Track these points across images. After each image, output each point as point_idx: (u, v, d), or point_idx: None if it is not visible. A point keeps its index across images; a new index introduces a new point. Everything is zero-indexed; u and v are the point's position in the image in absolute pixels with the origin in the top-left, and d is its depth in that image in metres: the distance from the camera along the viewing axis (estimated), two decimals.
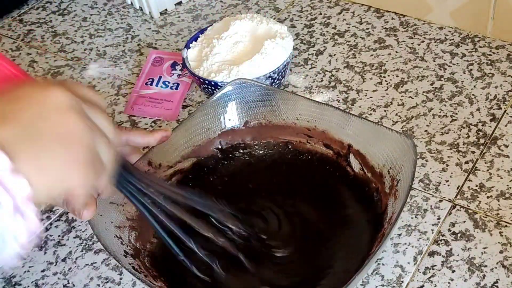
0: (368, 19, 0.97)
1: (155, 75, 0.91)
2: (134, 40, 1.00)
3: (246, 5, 1.04)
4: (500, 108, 0.80)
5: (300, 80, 0.88)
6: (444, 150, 0.75)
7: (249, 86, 0.72)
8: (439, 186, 0.72)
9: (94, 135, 0.43)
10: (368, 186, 0.67)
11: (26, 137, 0.39)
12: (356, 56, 0.91)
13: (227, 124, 0.73)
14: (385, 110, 0.82)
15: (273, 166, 0.73)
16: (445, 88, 0.84)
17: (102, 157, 0.44)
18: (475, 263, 0.64)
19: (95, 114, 0.44)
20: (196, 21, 1.02)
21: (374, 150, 0.66)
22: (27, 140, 0.39)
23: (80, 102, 0.43)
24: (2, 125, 0.39)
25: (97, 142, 0.43)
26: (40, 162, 0.40)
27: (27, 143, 0.39)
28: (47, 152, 0.40)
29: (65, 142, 0.41)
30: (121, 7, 1.08)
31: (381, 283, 0.63)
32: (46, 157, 0.40)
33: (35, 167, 0.39)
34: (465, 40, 0.91)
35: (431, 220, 0.68)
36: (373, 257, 0.56)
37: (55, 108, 0.41)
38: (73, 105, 0.42)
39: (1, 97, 0.41)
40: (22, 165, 0.38)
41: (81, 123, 0.42)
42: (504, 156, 0.74)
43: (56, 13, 1.09)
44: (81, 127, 0.42)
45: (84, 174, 0.43)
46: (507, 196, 0.70)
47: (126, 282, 0.67)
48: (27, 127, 0.40)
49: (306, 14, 1.00)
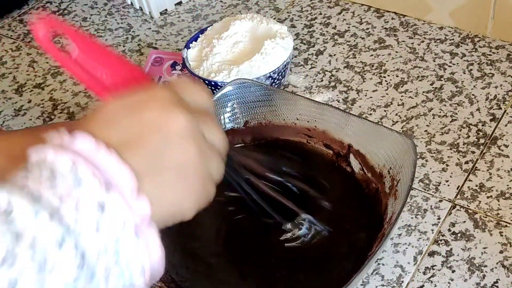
0: (368, 19, 0.97)
1: (155, 75, 0.91)
2: (134, 40, 1.00)
3: (246, 5, 1.04)
4: (500, 108, 0.80)
5: (300, 80, 0.88)
6: (444, 150, 0.75)
7: (249, 86, 0.72)
8: (439, 186, 0.72)
9: (209, 160, 0.43)
10: (368, 186, 0.67)
11: (151, 167, 0.39)
12: (356, 56, 0.91)
13: (227, 124, 0.73)
14: (385, 110, 0.82)
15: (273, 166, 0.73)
16: (445, 88, 0.84)
17: (213, 174, 0.44)
18: (475, 263, 0.64)
19: (209, 129, 0.44)
20: (196, 21, 1.02)
21: (374, 150, 0.66)
22: (151, 170, 0.39)
23: (197, 122, 0.42)
24: (128, 150, 0.38)
25: (211, 165, 0.43)
26: (161, 191, 0.40)
27: (151, 173, 0.39)
28: (167, 183, 0.40)
29: (183, 173, 0.41)
30: (121, 7, 1.08)
31: (381, 283, 0.63)
32: (166, 187, 0.40)
33: (155, 196, 0.39)
34: (465, 40, 0.91)
35: (431, 220, 0.68)
36: (373, 257, 0.56)
37: (176, 135, 0.40)
38: (192, 131, 0.41)
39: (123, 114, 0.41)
40: (146, 189, 0.38)
41: (198, 153, 0.41)
42: (504, 156, 0.74)
43: (56, 13, 1.09)
44: (198, 157, 0.41)
45: (196, 202, 0.42)
46: (507, 196, 0.70)
47: None
48: (151, 153, 0.39)
49: (306, 14, 1.00)
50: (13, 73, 0.97)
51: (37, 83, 0.95)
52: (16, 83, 0.95)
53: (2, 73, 0.97)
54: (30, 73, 0.97)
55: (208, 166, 0.43)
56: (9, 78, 0.96)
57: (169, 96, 0.42)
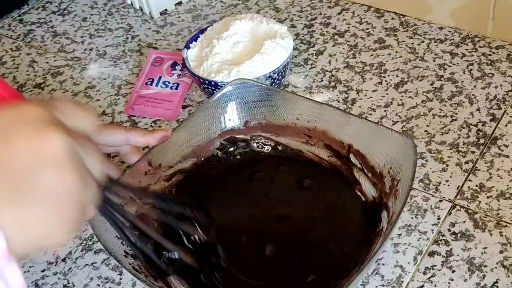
0: (368, 19, 0.97)
1: (155, 75, 0.91)
2: (134, 40, 1.00)
3: (246, 5, 1.04)
4: (500, 108, 0.80)
5: (300, 80, 0.88)
6: (444, 150, 0.75)
7: (249, 86, 0.72)
8: (439, 186, 0.72)
9: (87, 188, 0.39)
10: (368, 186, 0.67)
11: (13, 194, 0.34)
12: (356, 56, 0.91)
13: (227, 124, 0.73)
14: (385, 110, 0.82)
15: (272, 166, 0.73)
16: (445, 88, 0.84)
17: (90, 201, 0.40)
18: (475, 263, 0.64)
19: (86, 153, 0.39)
20: (196, 21, 1.02)
21: (374, 150, 0.66)
22: (13, 197, 0.34)
23: (75, 145, 0.37)
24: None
25: (88, 192, 0.39)
26: (23, 223, 0.35)
27: (12, 201, 0.34)
28: (32, 212, 0.35)
29: (55, 201, 0.36)
30: (121, 7, 1.08)
31: (381, 283, 0.63)
32: (30, 217, 0.35)
33: (16, 227, 0.34)
34: (465, 40, 0.91)
35: (431, 220, 0.68)
36: (373, 257, 0.56)
37: (49, 162, 0.35)
38: (69, 158, 0.36)
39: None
40: (3, 222, 0.34)
41: (75, 181, 0.37)
42: (504, 156, 0.74)
43: (56, 13, 1.09)
44: (74, 186, 0.37)
45: (69, 229, 0.38)
46: (507, 196, 0.70)
47: (126, 282, 0.67)
48: (16, 183, 0.34)
49: (306, 14, 1.00)
50: (13, 73, 0.97)
51: (37, 83, 0.95)
52: (16, 83, 0.95)
53: (2, 73, 0.97)
54: (30, 73, 0.97)
55: (87, 194, 0.39)
56: (9, 78, 0.96)
57: (45, 114, 0.36)
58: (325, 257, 0.64)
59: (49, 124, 0.36)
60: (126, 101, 0.89)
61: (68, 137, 0.36)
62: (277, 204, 0.69)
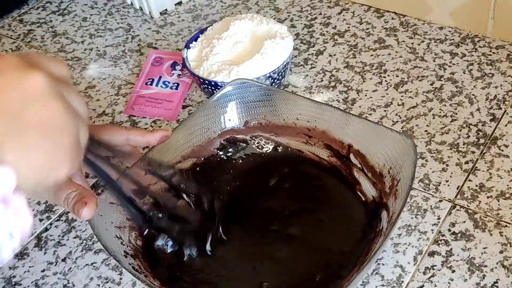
0: (368, 19, 0.97)
1: (155, 75, 0.91)
2: (134, 40, 1.00)
3: (246, 5, 1.04)
4: (500, 108, 0.80)
5: (300, 80, 0.88)
6: (444, 150, 0.75)
7: (249, 86, 0.72)
8: (439, 186, 0.72)
9: (75, 119, 0.42)
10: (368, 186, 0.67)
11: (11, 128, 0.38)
12: (356, 56, 0.91)
13: (227, 124, 0.73)
14: (385, 110, 0.82)
15: (272, 166, 0.73)
16: (445, 88, 0.84)
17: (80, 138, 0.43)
18: (475, 263, 0.64)
19: (69, 94, 0.42)
20: (196, 21, 1.02)
21: (374, 150, 0.66)
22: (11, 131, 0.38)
23: (58, 85, 0.41)
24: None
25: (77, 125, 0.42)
26: (27, 153, 0.38)
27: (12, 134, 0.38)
28: (33, 142, 0.39)
29: (50, 130, 0.39)
30: (121, 7, 1.08)
31: (381, 283, 0.63)
32: (32, 147, 0.39)
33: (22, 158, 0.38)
34: (465, 40, 0.91)
35: (431, 220, 0.68)
36: (373, 257, 0.56)
37: (36, 96, 0.39)
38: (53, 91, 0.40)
39: None
40: (8, 157, 0.37)
41: (63, 109, 0.40)
42: (504, 156, 0.74)
43: (56, 13, 1.09)
44: (64, 114, 0.40)
45: (71, 160, 0.41)
46: (507, 196, 0.70)
47: (126, 282, 0.67)
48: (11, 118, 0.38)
49: (306, 14, 1.00)
50: None
51: None
52: None
53: None
54: None
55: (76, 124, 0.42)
56: None
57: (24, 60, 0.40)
58: (325, 257, 0.64)
59: (29, 67, 0.40)
60: (126, 101, 0.89)
61: (48, 75, 0.40)
62: (276, 204, 0.69)
